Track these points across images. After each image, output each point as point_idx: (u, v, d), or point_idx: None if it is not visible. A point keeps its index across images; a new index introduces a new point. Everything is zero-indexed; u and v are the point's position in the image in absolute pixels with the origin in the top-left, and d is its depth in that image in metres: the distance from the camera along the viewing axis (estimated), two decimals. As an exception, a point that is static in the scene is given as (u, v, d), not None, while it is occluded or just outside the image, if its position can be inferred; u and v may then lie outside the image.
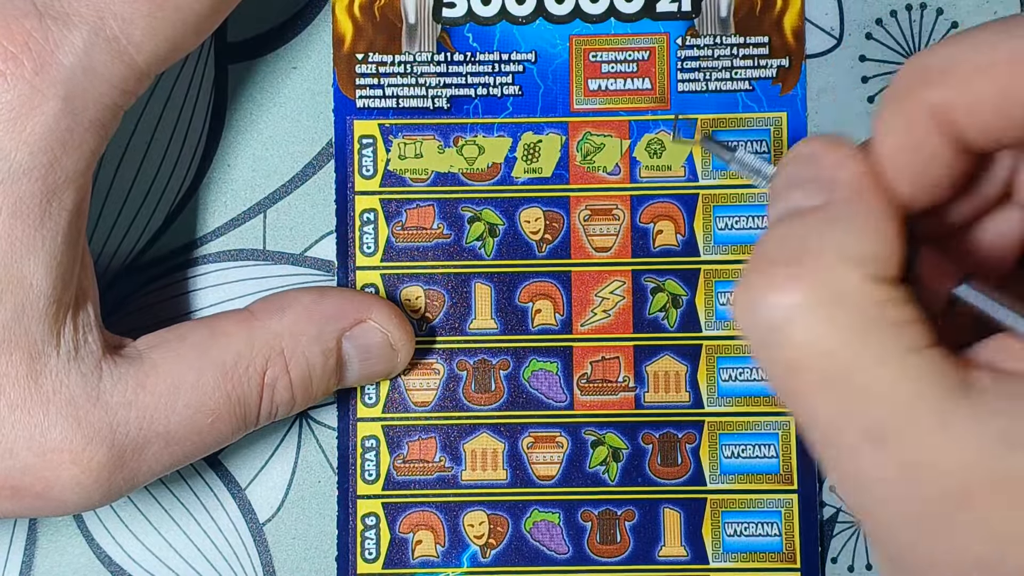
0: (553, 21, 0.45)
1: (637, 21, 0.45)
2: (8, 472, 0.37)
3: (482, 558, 0.45)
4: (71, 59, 0.36)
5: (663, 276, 0.45)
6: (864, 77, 0.45)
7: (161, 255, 0.45)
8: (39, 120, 0.36)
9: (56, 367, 0.37)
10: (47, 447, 0.37)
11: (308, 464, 0.45)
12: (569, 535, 0.45)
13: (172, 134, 0.45)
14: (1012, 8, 0.45)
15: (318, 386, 0.42)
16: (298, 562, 0.45)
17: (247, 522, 0.45)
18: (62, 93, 0.36)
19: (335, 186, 0.45)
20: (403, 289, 0.45)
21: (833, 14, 0.45)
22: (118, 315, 0.45)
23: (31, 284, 0.37)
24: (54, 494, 0.38)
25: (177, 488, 0.45)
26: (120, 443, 0.38)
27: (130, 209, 0.45)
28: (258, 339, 0.40)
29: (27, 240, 0.37)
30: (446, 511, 0.45)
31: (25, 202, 0.36)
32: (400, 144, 0.45)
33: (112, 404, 0.38)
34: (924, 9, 0.45)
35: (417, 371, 0.45)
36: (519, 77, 0.45)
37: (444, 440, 0.45)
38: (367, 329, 0.42)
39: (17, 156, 0.36)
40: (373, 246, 0.45)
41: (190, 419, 0.39)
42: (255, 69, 0.45)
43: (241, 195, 0.45)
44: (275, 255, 0.45)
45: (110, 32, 0.37)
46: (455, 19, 0.45)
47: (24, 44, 0.36)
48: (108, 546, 0.45)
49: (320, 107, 0.45)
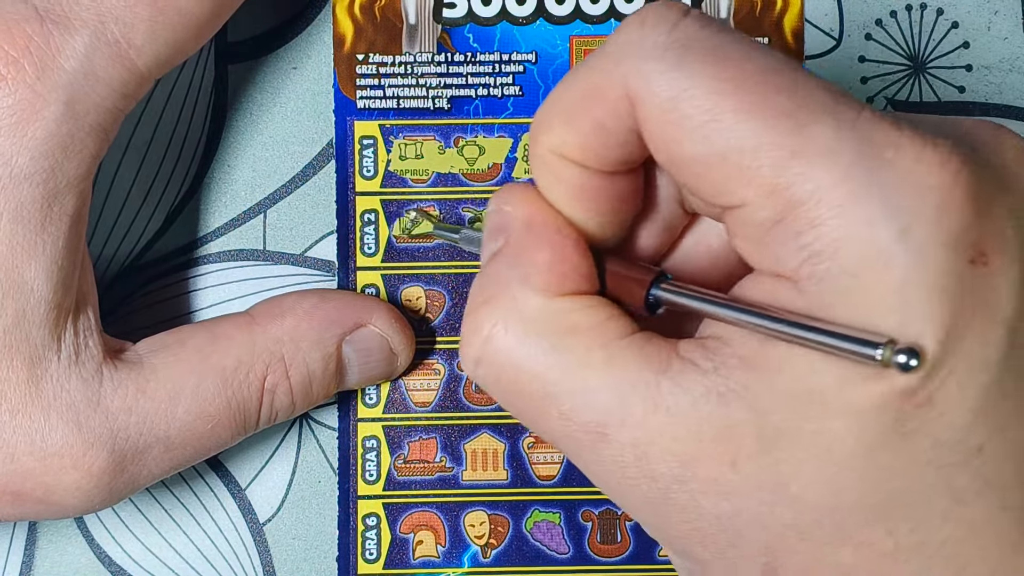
0: (553, 22, 0.45)
1: (638, 22, 0.45)
2: (9, 477, 0.37)
3: (483, 558, 0.45)
4: (72, 63, 0.36)
5: (663, 277, 0.45)
6: (864, 78, 0.45)
7: (161, 255, 0.45)
8: (40, 125, 0.36)
9: (57, 372, 0.38)
10: (48, 452, 0.37)
11: (308, 464, 0.45)
12: (570, 535, 0.45)
13: (172, 134, 0.45)
14: (1012, 8, 0.45)
15: (318, 390, 0.42)
16: (298, 562, 0.45)
17: (247, 522, 0.45)
18: (63, 98, 0.36)
19: (336, 187, 0.45)
20: (404, 289, 0.45)
21: (833, 15, 0.45)
22: (118, 315, 0.45)
23: (32, 289, 0.37)
24: (55, 498, 0.38)
25: (177, 488, 0.45)
26: (120, 448, 0.38)
27: (130, 209, 0.45)
28: (259, 344, 0.40)
29: (28, 245, 0.37)
30: (447, 511, 0.45)
31: (26, 207, 0.36)
32: (401, 145, 0.45)
33: (112, 409, 0.38)
34: (924, 9, 0.45)
35: (418, 371, 0.45)
36: (520, 77, 0.45)
37: (445, 440, 0.45)
38: (368, 333, 0.42)
39: (18, 161, 0.36)
40: (374, 246, 0.45)
41: (190, 424, 0.39)
42: (256, 69, 0.45)
43: (241, 195, 0.45)
44: (275, 255, 0.45)
45: (111, 36, 0.37)
46: (455, 19, 0.45)
47: (25, 48, 0.36)
48: (108, 546, 0.45)
49: (321, 108, 0.45)
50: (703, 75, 0.30)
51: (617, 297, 0.34)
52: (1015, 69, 0.45)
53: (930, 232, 0.28)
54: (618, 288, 0.34)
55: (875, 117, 0.30)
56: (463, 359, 0.34)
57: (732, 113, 0.29)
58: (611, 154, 0.32)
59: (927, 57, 0.45)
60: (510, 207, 0.34)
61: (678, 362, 0.31)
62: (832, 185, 0.29)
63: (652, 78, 0.30)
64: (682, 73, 0.30)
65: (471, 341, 0.33)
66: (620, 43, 0.31)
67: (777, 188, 0.29)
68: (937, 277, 0.28)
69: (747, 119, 0.29)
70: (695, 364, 0.31)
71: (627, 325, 0.33)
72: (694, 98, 0.30)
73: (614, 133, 0.32)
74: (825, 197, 0.29)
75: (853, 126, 0.29)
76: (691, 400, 0.30)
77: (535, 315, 0.32)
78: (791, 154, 0.29)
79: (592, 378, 0.32)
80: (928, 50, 0.45)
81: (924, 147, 0.29)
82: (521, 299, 0.33)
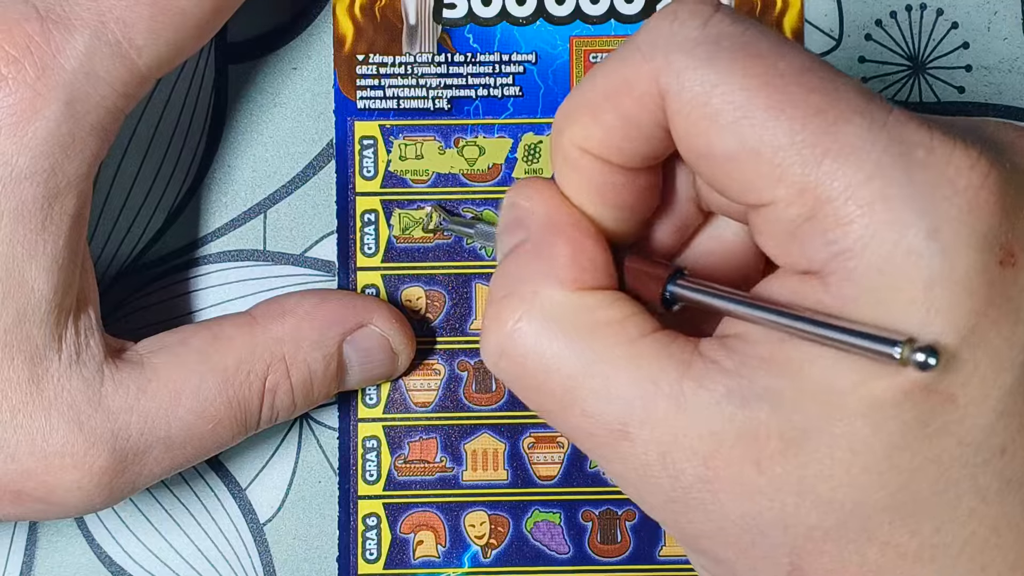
0: (553, 22, 0.45)
1: (638, 22, 0.45)
2: (10, 476, 0.37)
3: (483, 558, 0.45)
4: (73, 63, 0.36)
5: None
6: (864, 78, 0.45)
7: (161, 255, 0.45)
8: (41, 124, 0.36)
9: (58, 372, 0.38)
10: (49, 452, 0.37)
11: (309, 464, 0.45)
12: (570, 535, 0.45)
13: (172, 134, 0.45)
14: (1012, 8, 0.45)
15: (319, 391, 0.42)
16: (299, 563, 0.45)
17: (247, 522, 0.45)
18: (64, 97, 0.36)
19: (336, 187, 0.45)
20: (404, 290, 0.45)
21: (832, 15, 0.45)
22: (118, 315, 0.45)
23: (33, 289, 0.37)
24: (56, 498, 0.38)
25: (178, 488, 0.45)
26: (121, 448, 0.38)
27: (130, 209, 0.45)
28: (260, 345, 0.40)
29: (29, 244, 0.37)
30: (447, 511, 0.45)
31: (27, 207, 0.36)
32: (401, 145, 0.45)
33: (114, 409, 0.38)
34: (924, 9, 0.45)
35: (418, 371, 0.45)
36: (520, 78, 0.45)
37: (445, 440, 0.45)
38: (368, 333, 0.42)
39: (19, 161, 0.36)
40: (374, 247, 0.45)
41: (191, 425, 0.39)
42: (256, 70, 0.45)
43: (241, 195, 0.45)
44: (275, 255, 0.45)
45: (112, 36, 0.37)
46: (455, 20, 0.45)
47: (26, 48, 0.36)
48: (108, 546, 0.45)
49: (321, 108, 0.45)
50: (735, 71, 0.30)
51: (635, 292, 0.34)
52: (1015, 70, 0.45)
53: (959, 233, 0.29)
54: (636, 283, 0.34)
55: (905, 117, 0.30)
56: (484, 352, 0.34)
57: (764, 110, 0.29)
58: (635, 149, 0.32)
59: (927, 58, 0.45)
60: (528, 202, 0.34)
61: (700, 361, 0.31)
62: (862, 183, 0.29)
63: (684, 73, 0.30)
64: (714, 69, 0.30)
65: (494, 334, 0.33)
66: (651, 37, 0.31)
67: (808, 186, 0.29)
68: (965, 277, 0.29)
69: (779, 116, 0.29)
70: (717, 363, 0.31)
71: (648, 323, 0.32)
72: (726, 94, 0.30)
73: (640, 128, 0.32)
74: (855, 195, 0.29)
75: (884, 126, 0.29)
76: (714, 400, 0.30)
77: (557, 309, 0.32)
78: (823, 152, 0.29)
79: (615, 375, 0.32)
80: (928, 51, 0.45)
81: (954, 148, 0.29)
82: (543, 293, 0.32)
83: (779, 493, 0.30)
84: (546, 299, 0.32)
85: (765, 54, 0.30)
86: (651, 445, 0.31)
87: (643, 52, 0.31)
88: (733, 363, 0.31)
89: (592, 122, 0.32)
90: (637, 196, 0.34)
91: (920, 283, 0.28)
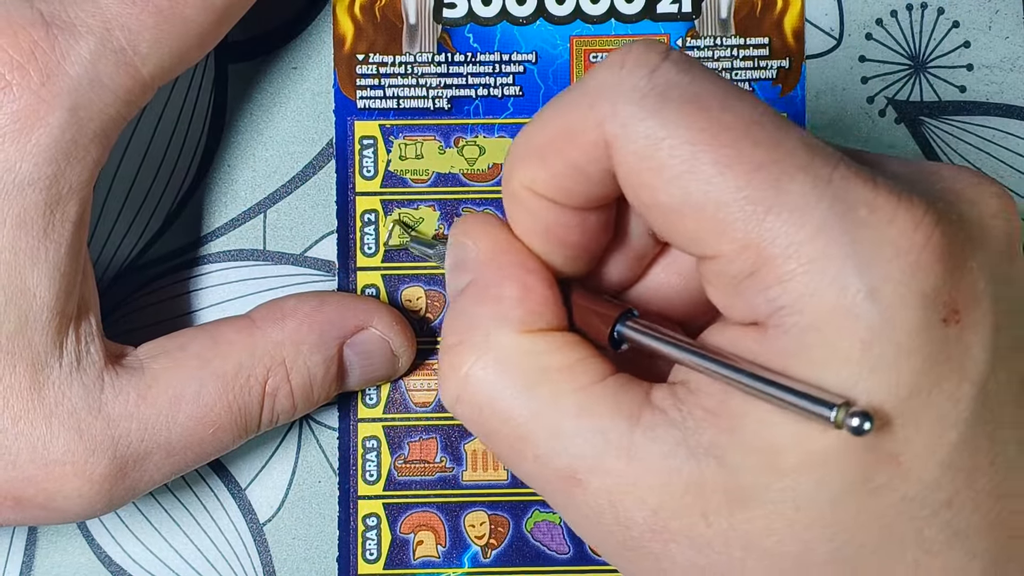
0: (554, 22, 0.45)
1: (638, 22, 0.45)
2: (11, 483, 0.37)
3: (483, 558, 0.45)
4: (77, 70, 0.36)
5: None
6: (864, 78, 0.45)
7: (161, 255, 0.45)
8: (44, 131, 0.36)
9: (59, 378, 0.37)
10: (50, 459, 0.37)
11: (309, 465, 0.45)
12: (570, 535, 0.45)
13: (172, 134, 0.45)
14: (1013, 7, 0.45)
15: (319, 393, 0.42)
16: (298, 563, 0.45)
17: (247, 522, 0.45)
18: (68, 104, 0.36)
19: (336, 187, 0.45)
20: (404, 290, 0.45)
21: (833, 15, 0.45)
22: (118, 316, 0.45)
23: (34, 295, 0.37)
24: (56, 504, 0.38)
25: (178, 489, 0.45)
26: (122, 454, 0.38)
27: (130, 209, 0.45)
28: (259, 348, 0.40)
29: (31, 251, 0.36)
30: (447, 511, 0.45)
31: (29, 213, 0.36)
32: (401, 145, 0.45)
33: (114, 416, 0.38)
34: (924, 9, 0.45)
35: (418, 372, 0.45)
36: (520, 78, 0.45)
37: (445, 440, 0.45)
38: (368, 336, 0.42)
39: (22, 167, 0.36)
40: (374, 246, 0.45)
41: (191, 430, 0.39)
42: (256, 69, 0.45)
43: (241, 195, 0.45)
44: (275, 255, 0.45)
45: (116, 43, 0.37)
46: (456, 20, 0.45)
47: (30, 54, 0.36)
48: (108, 546, 0.45)
49: (321, 108, 0.45)
50: (681, 125, 0.30)
51: (583, 331, 0.34)
52: (1016, 68, 0.45)
53: (900, 292, 0.28)
54: (584, 322, 0.34)
55: (850, 174, 0.29)
56: (443, 397, 0.34)
57: (709, 165, 0.29)
58: (584, 192, 0.32)
59: (928, 56, 0.45)
60: (471, 240, 0.34)
61: (649, 412, 0.31)
62: (804, 242, 0.29)
63: (629, 124, 0.30)
64: (660, 121, 0.30)
65: (450, 381, 0.33)
66: (598, 84, 0.31)
67: (751, 242, 0.29)
68: (905, 337, 0.28)
69: (724, 172, 0.29)
70: (666, 413, 0.31)
71: (601, 367, 0.33)
72: (672, 148, 0.30)
73: (588, 173, 0.32)
74: (796, 253, 0.29)
75: (829, 183, 0.29)
76: (662, 452, 0.31)
77: (508, 354, 0.33)
78: (766, 209, 0.29)
79: (565, 424, 0.32)
80: (929, 49, 0.45)
81: (898, 206, 0.29)
82: (494, 337, 0.33)
83: (726, 547, 0.30)
84: (496, 344, 0.33)
85: (712, 107, 0.30)
86: (602, 493, 0.31)
87: (590, 99, 0.31)
88: (681, 415, 0.31)
89: (540, 166, 0.32)
90: (588, 235, 0.34)
91: (858, 342, 0.28)
